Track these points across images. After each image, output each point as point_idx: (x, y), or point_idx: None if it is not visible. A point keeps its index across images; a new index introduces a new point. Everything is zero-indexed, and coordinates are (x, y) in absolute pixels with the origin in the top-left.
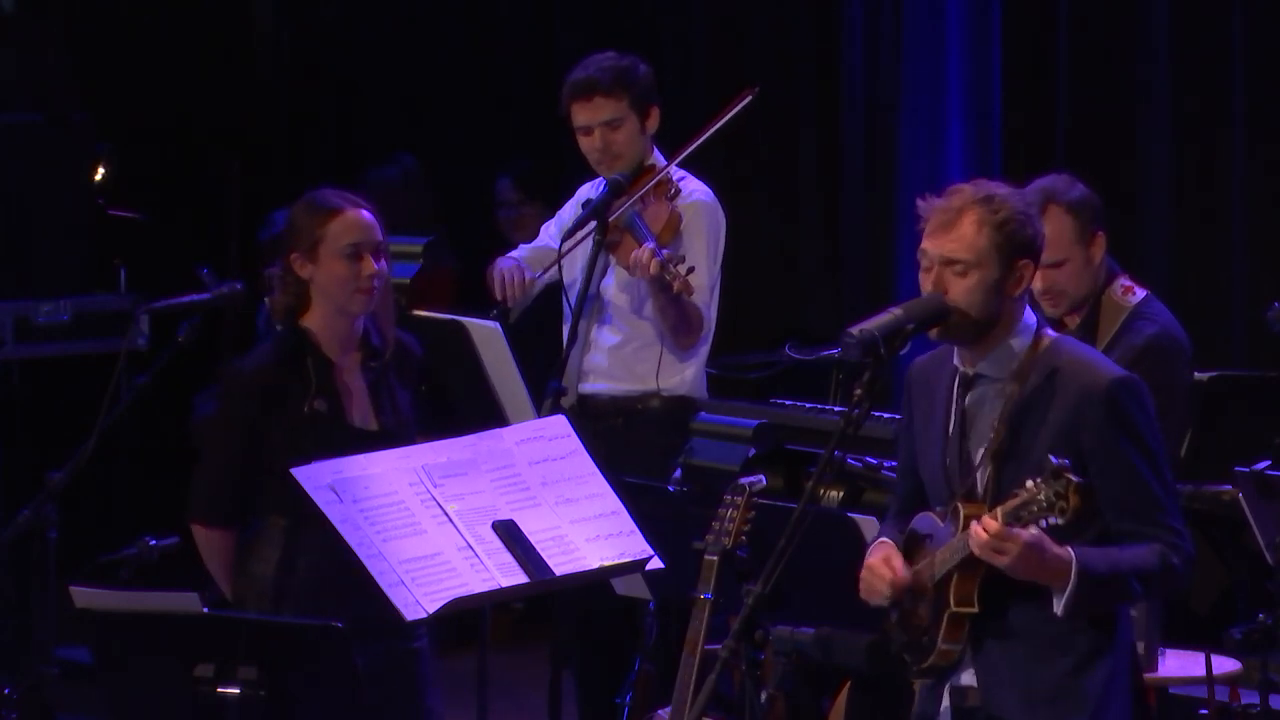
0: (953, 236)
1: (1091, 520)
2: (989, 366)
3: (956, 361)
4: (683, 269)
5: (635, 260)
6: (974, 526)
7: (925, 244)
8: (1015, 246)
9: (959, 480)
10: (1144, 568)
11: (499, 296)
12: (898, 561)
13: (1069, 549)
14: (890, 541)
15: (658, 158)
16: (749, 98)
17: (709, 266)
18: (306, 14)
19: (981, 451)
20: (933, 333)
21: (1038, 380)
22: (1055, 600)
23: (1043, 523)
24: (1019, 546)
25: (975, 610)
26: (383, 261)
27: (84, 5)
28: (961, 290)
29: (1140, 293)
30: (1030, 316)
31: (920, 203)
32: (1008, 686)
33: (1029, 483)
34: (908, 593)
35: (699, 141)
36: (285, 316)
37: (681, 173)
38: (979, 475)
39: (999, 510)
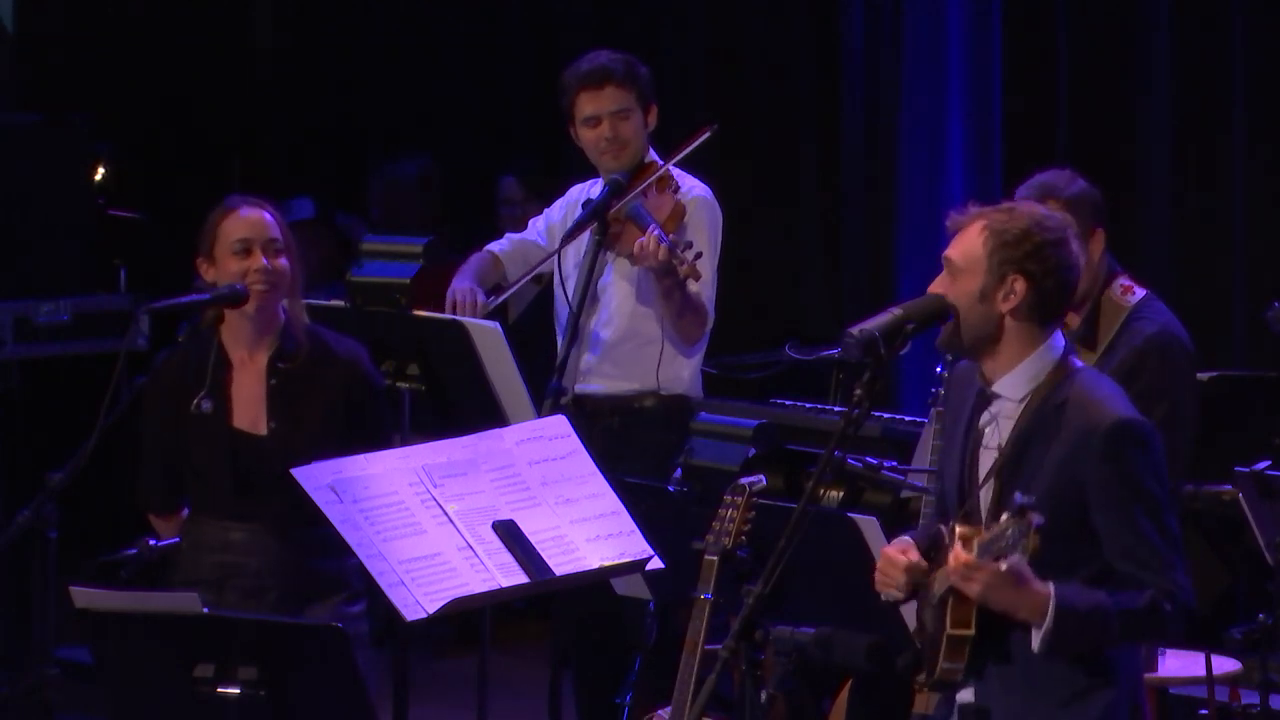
0: (958, 240)
1: (1089, 559)
2: (1004, 386)
3: (978, 376)
4: (689, 254)
5: (642, 247)
6: (951, 554)
7: None
8: (1007, 258)
9: (963, 498)
10: (1128, 609)
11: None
12: (914, 552)
13: (1050, 585)
14: (910, 539)
15: (654, 156)
16: (707, 134)
17: (711, 261)
18: (306, 14)
19: (985, 473)
20: (939, 342)
21: (1047, 410)
22: (1034, 635)
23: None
24: (987, 577)
25: (971, 633)
26: (283, 259)
27: (84, 5)
28: (952, 295)
29: (1140, 292)
30: (1058, 341)
31: (953, 214)
32: (1004, 711)
33: (1003, 517)
34: (926, 604)
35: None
36: (210, 320)
37: (679, 170)
38: (981, 496)
39: (975, 541)
